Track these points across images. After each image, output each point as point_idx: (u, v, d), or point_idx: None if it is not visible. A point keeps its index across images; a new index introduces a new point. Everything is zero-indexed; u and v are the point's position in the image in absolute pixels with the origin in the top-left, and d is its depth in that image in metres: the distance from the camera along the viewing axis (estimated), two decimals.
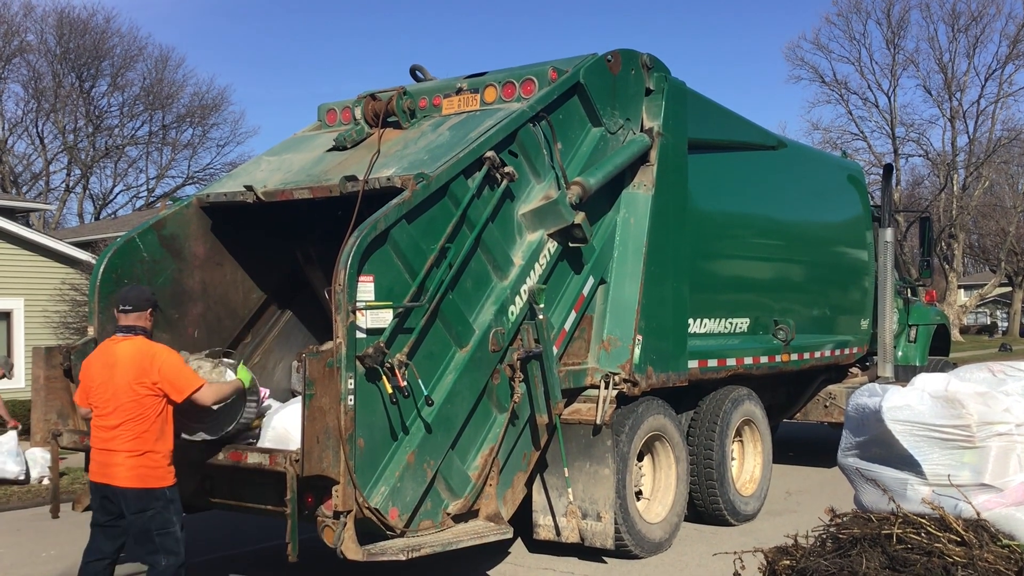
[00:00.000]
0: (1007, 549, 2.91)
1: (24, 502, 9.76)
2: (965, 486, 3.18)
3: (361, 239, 5.06)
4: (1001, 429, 3.21)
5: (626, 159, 6.81)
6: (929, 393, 3.37)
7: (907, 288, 12.00)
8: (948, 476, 3.24)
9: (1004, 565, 2.77)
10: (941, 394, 3.34)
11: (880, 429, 3.48)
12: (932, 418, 3.32)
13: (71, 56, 44.72)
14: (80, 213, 47.25)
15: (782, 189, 9.25)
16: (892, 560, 2.83)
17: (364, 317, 5.07)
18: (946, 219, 45.36)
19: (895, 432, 3.37)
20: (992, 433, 3.21)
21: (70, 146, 45.31)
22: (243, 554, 7.36)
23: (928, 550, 2.84)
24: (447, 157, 5.70)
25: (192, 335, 6.56)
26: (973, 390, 3.31)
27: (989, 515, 3.10)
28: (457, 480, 5.59)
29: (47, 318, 18.19)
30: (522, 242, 6.14)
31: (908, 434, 3.34)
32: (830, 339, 9.89)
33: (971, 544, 2.85)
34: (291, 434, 5.39)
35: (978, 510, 3.10)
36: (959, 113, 46.85)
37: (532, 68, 6.65)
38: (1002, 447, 3.19)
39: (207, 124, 48.67)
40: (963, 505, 3.13)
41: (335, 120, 7.33)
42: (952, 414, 3.29)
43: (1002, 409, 3.24)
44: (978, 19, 45.91)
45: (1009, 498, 3.10)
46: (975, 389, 3.31)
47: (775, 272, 9.16)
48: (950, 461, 3.26)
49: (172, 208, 6.62)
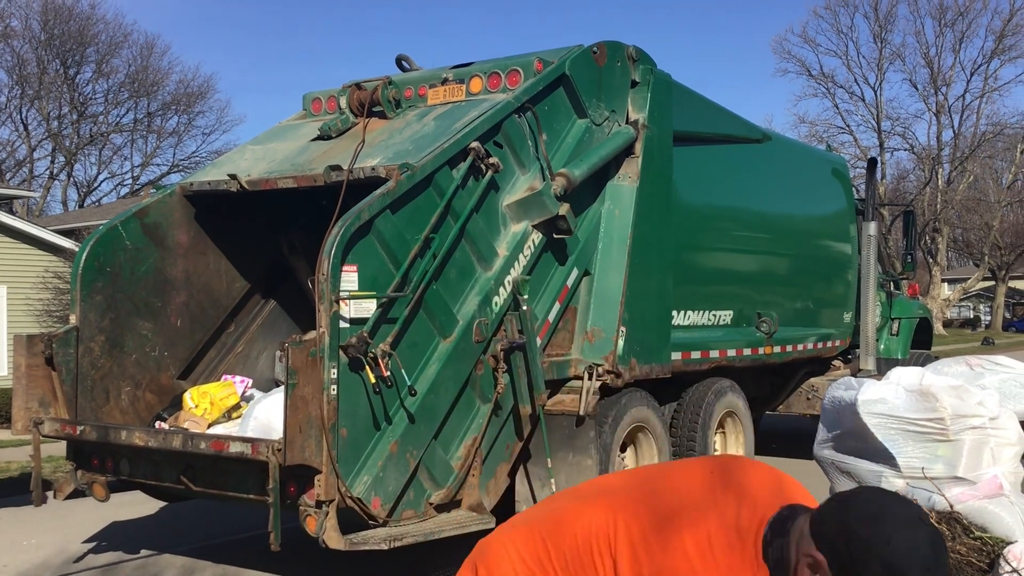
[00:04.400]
0: (979, 541, 2.94)
1: (5, 491, 9.72)
2: (939, 479, 3.21)
3: (345, 229, 5.06)
4: (975, 423, 3.24)
5: (611, 151, 6.82)
6: (904, 387, 3.40)
7: (890, 282, 12.06)
8: (922, 469, 3.27)
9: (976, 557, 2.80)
10: (916, 388, 3.37)
11: (855, 422, 3.50)
12: (906, 411, 3.34)
13: (56, 42, 44.41)
14: (64, 200, 47.03)
15: (767, 182, 9.28)
16: None
17: (348, 307, 5.07)
18: (930, 213, 45.64)
19: (870, 425, 3.39)
20: (966, 426, 3.24)
21: (54, 133, 45.01)
22: (225, 543, 7.36)
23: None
24: (432, 147, 5.69)
25: (175, 324, 6.55)
26: (947, 384, 3.34)
27: (962, 507, 3.13)
28: (440, 470, 5.61)
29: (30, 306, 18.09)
30: (506, 233, 6.15)
31: (883, 427, 3.36)
32: (813, 332, 9.94)
33: (944, 536, 2.89)
34: (274, 423, 5.39)
35: (951, 503, 3.14)
36: (944, 108, 47.13)
37: (518, 59, 6.64)
38: (975, 440, 3.22)
39: (192, 112, 48.51)
40: (937, 497, 3.17)
41: (320, 109, 7.31)
42: (926, 407, 3.31)
43: (975, 403, 3.27)
44: (964, 14, 46.21)
45: (982, 491, 3.14)
46: (949, 383, 3.34)
47: (759, 265, 9.19)
48: (924, 454, 3.28)
49: (155, 196, 6.59)
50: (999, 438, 3.25)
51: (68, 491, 6.11)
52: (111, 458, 6.03)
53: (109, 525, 7.77)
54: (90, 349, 6.03)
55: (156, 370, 6.42)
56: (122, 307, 6.21)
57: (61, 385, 5.89)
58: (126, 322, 6.23)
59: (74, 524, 7.71)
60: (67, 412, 5.90)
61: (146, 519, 8.04)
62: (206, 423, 6.07)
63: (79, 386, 5.96)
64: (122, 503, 7.46)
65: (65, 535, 7.17)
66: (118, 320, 6.19)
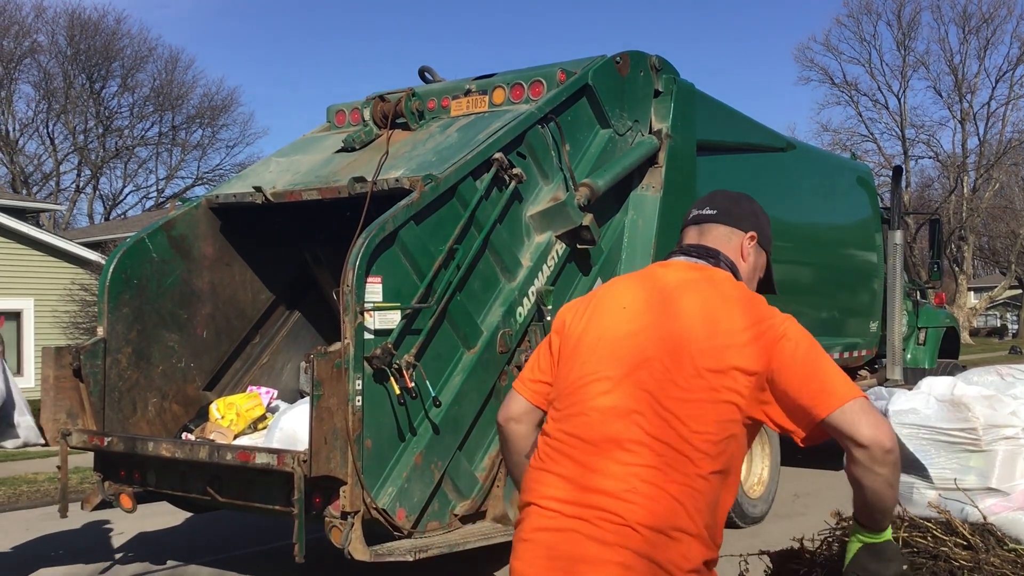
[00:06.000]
0: (1013, 553, 2.90)
1: (33, 501, 9.80)
2: (971, 490, 3.16)
3: (369, 240, 5.07)
4: (1008, 432, 3.20)
5: (634, 161, 6.81)
6: (935, 396, 3.36)
7: (916, 290, 11.97)
8: (955, 480, 3.22)
9: (1011, 569, 2.76)
10: (947, 397, 3.32)
11: None
12: (938, 421, 3.31)
13: (82, 57, 44.96)
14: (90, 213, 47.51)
15: (791, 191, 9.23)
16: None
17: (372, 318, 5.08)
18: (956, 221, 45.24)
19: (901, 435, 3.33)
20: (998, 436, 3.20)
21: (80, 147, 45.51)
22: (251, 554, 7.38)
23: (934, 554, 2.83)
24: (455, 158, 5.70)
25: (201, 335, 6.59)
26: (979, 393, 3.29)
27: (995, 519, 3.07)
28: (464, 481, 5.60)
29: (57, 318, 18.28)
30: (530, 244, 6.14)
31: (914, 437, 3.33)
32: (839, 341, 9.86)
33: (977, 548, 2.85)
34: (299, 434, 5.40)
35: (984, 514, 3.08)
36: (969, 115, 46.77)
37: (540, 70, 6.65)
38: (1008, 451, 3.18)
39: (217, 125, 48.95)
40: (969, 509, 3.12)
41: (344, 121, 7.35)
42: (958, 417, 3.27)
43: (1008, 412, 3.23)
44: (989, 21, 45.89)
45: (1016, 502, 3.09)
46: (981, 392, 3.30)
47: (784, 274, 9.06)
48: (956, 465, 3.24)
49: (181, 209, 6.64)
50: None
51: (95, 502, 6.14)
52: (138, 469, 6.06)
53: (136, 536, 7.81)
54: (117, 361, 6.07)
55: (182, 381, 6.46)
56: (149, 319, 6.25)
57: (89, 397, 5.92)
58: (153, 334, 6.27)
59: (101, 535, 7.75)
60: (95, 424, 5.94)
61: (172, 530, 8.07)
62: (232, 434, 6.09)
63: (106, 398, 6.00)
64: (148, 514, 7.49)
65: (92, 546, 7.21)
66: (145, 332, 6.23)
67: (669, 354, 2.25)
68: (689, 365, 2.22)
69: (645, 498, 2.17)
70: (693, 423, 2.20)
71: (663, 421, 2.21)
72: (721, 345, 2.22)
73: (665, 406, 2.22)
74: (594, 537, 2.17)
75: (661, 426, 2.21)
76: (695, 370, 2.22)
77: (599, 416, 2.26)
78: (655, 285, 2.40)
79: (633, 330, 2.32)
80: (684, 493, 2.18)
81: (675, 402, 2.21)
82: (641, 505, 2.16)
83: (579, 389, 2.32)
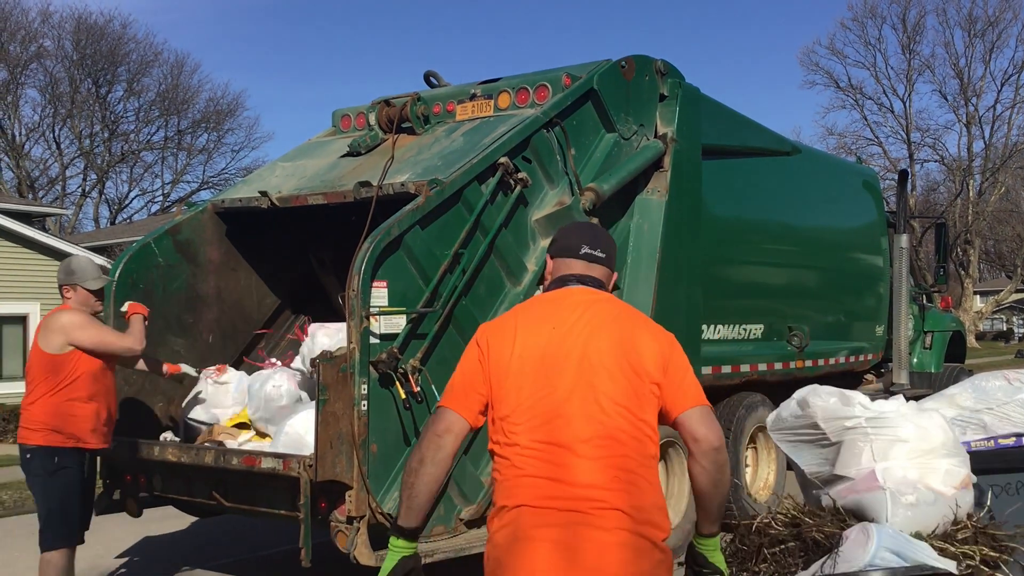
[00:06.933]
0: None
1: None
2: (826, 479, 3.55)
3: (375, 245, 5.08)
4: (848, 424, 3.50)
5: (640, 165, 6.81)
6: (795, 400, 3.72)
7: (922, 294, 11.94)
8: (816, 472, 3.62)
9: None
10: (798, 399, 3.70)
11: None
12: (793, 423, 3.69)
13: (88, 62, 45.08)
14: (96, 218, 47.60)
15: (796, 195, 9.22)
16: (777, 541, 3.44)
17: (378, 323, 5.08)
18: (962, 225, 45.17)
19: (777, 442, 3.80)
20: (841, 427, 3.51)
21: (86, 151, 45.63)
22: (257, 559, 7.38)
23: (797, 535, 3.38)
24: (461, 163, 5.71)
25: (207, 340, 6.59)
26: (824, 391, 3.64)
27: (843, 502, 3.44)
28: (470, 486, 5.59)
29: None
30: (535, 248, 6.14)
31: (784, 442, 3.75)
32: (845, 345, 9.85)
33: (823, 529, 3.35)
34: (305, 439, 5.40)
35: (834, 498, 3.46)
36: (975, 118, 46.72)
37: (546, 74, 6.65)
38: (851, 440, 3.48)
39: (222, 129, 49.06)
40: (825, 496, 3.52)
41: (349, 126, 7.36)
42: (802, 415, 3.64)
43: (856, 404, 3.53)
44: (995, 24, 45.84)
45: (860, 485, 3.40)
46: (828, 391, 3.65)
47: (789, 278, 9.12)
48: (816, 459, 3.62)
49: (187, 213, 6.65)
50: (884, 436, 3.45)
51: (101, 507, 6.15)
52: (144, 474, 6.07)
53: (142, 540, 7.82)
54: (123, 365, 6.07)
55: (188, 386, 6.46)
56: (155, 323, 6.25)
57: None
58: (159, 338, 6.27)
59: (107, 539, 7.75)
60: None
61: (178, 534, 8.08)
62: (239, 438, 6.09)
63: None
64: (154, 518, 7.50)
65: (98, 550, 7.21)
66: (151, 336, 6.21)
67: (610, 358, 2.66)
68: (627, 366, 2.65)
69: (624, 483, 2.57)
70: (640, 412, 2.63)
71: (619, 414, 2.61)
72: (638, 349, 2.69)
73: (617, 401, 2.62)
74: (593, 525, 2.51)
75: (618, 419, 2.60)
76: (632, 369, 2.65)
77: (565, 421, 2.61)
78: (572, 304, 2.79)
79: (571, 344, 2.70)
80: (648, 473, 2.63)
81: (624, 396, 2.63)
82: (623, 490, 2.56)
83: (540, 401, 2.65)
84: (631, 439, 2.60)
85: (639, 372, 2.65)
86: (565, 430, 2.59)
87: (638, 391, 2.63)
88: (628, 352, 2.67)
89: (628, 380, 2.64)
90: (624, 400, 2.62)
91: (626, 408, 2.61)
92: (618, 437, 2.59)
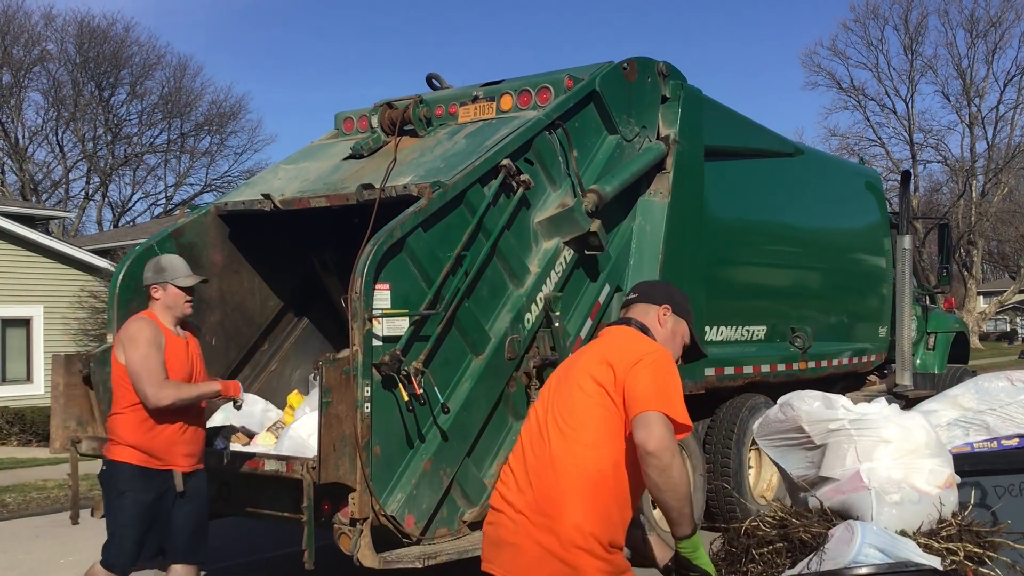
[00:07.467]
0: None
1: (42, 508, 9.83)
2: (812, 481, 3.56)
3: (378, 247, 5.08)
4: (832, 426, 3.50)
5: (642, 167, 6.81)
6: (779, 405, 3.72)
7: (926, 295, 11.93)
8: (802, 475, 3.64)
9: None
10: (782, 403, 3.70)
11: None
12: (778, 428, 3.70)
13: (91, 65, 45.14)
14: (99, 221, 47.68)
15: (799, 196, 9.22)
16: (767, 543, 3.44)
17: (380, 325, 5.08)
18: (965, 226, 45.13)
19: (763, 447, 3.83)
20: (825, 430, 3.52)
21: (89, 154, 45.69)
22: (260, 561, 7.39)
23: (785, 536, 3.40)
24: (463, 165, 5.71)
25: (210, 342, 6.59)
26: (807, 395, 3.65)
27: (829, 503, 3.44)
28: (473, 488, 5.60)
29: (66, 325, 18.34)
30: (538, 250, 6.15)
31: (770, 447, 3.76)
32: (848, 347, 9.84)
33: (810, 528, 3.35)
34: (308, 441, 5.41)
35: (820, 500, 3.46)
36: (978, 119, 46.67)
37: (548, 76, 6.66)
38: (836, 442, 3.50)
39: (225, 132, 49.09)
40: (812, 498, 3.53)
41: (352, 128, 7.36)
42: (786, 418, 3.65)
43: (839, 406, 3.55)
44: (997, 24, 45.80)
45: (846, 487, 3.41)
46: (812, 395, 3.66)
47: (792, 279, 9.12)
48: (803, 462, 3.65)
49: (190, 216, 6.66)
50: (868, 437, 3.46)
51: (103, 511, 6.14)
52: None
53: None
54: None
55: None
56: None
57: (99, 404, 5.94)
58: None
59: None
60: (104, 431, 5.94)
61: None
62: (247, 439, 6.10)
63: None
64: None
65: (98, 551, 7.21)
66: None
67: (581, 374, 3.07)
68: (590, 380, 3.04)
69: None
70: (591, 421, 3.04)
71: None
72: (603, 364, 3.03)
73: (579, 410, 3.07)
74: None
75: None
76: (593, 381, 3.04)
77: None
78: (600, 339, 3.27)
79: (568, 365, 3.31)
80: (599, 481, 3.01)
81: (582, 408, 3.04)
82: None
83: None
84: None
85: (602, 384, 2.99)
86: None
87: (599, 402, 2.99)
88: (593, 368, 3.02)
89: (586, 393, 2.99)
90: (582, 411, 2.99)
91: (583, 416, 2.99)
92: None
